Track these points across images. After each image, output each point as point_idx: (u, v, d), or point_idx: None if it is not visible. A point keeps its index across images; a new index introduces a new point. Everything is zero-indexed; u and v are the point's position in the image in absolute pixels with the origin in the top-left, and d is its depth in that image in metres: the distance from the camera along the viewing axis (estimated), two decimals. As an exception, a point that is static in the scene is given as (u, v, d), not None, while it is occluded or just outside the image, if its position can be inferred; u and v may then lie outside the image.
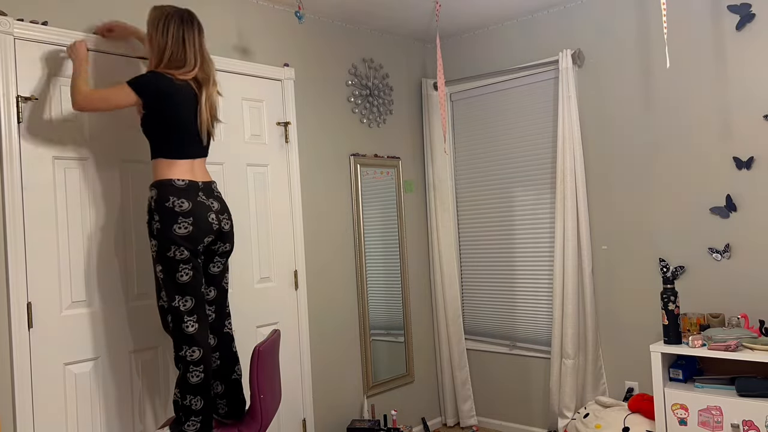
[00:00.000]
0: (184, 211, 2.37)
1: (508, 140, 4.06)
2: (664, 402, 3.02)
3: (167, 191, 2.38)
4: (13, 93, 2.45)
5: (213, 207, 2.49)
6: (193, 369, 2.36)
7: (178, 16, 2.49)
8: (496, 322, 4.18)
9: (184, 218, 2.36)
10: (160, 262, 2.38)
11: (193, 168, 2.48)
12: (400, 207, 4.14)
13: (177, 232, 2.35)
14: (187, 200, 2.39)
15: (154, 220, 2.37)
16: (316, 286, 3.59)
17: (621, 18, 3.55)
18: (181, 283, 2.37)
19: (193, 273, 2.39)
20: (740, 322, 3.04)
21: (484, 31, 4.17)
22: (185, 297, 2.38)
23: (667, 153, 3.40)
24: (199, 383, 2.37)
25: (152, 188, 2.42)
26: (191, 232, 2.37)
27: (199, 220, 2.41)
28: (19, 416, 2.40)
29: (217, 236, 2.50)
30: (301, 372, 3.45)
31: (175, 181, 2.41)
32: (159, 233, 2.36)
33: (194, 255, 2.41)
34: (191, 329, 2.38)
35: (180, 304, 2.37)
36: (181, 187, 2.40)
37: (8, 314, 2.40)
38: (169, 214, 2.36)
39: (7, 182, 2.42)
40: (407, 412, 4.08)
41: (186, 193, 2.40)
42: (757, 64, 3.10)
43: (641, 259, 3.51)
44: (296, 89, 3.53)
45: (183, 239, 2.36)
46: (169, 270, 2.37)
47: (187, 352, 2.37)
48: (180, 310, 2.37)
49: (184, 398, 2.37)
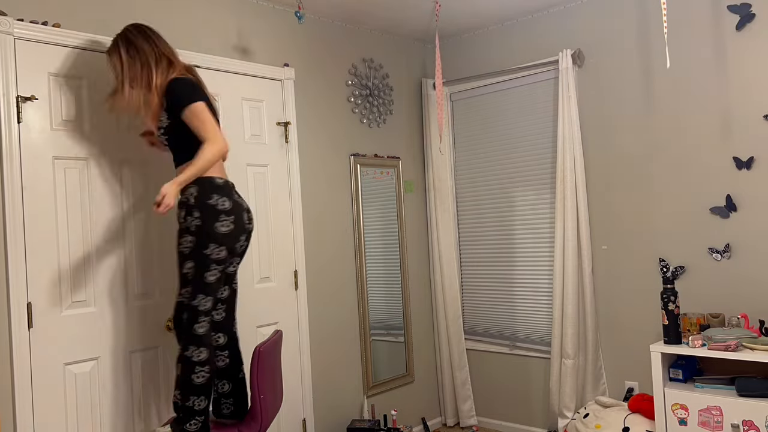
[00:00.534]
0: (226, 210, 2.37)
1: (508, 140, 4.06)
2: (664, 402, 3.02)
3: (210, 189, 2.37)
4: (13, 93, 2.45)
5: (244, 206, 2.50)
6: (198, 369, 2.36)
7: (130, 34, 2.48)
8: (496, 322, 4.18)
9: (226, 217, 2.37)
10: (193, 259, 2.37)
11: (223, 166, 2.50)
12: (400, 207, 4.14)
13: (219, 231, 2.35)
14: (228, 199, 2.40)
15: (193, 217, 2.35)
16: (316, 286, 3.59)
17: (621, 18, 3.55)
18: (207, 283, 2.37)
19: (219, 275, 2.40)
20: (740, 322, 3.04)
21: (484, 31, 4.17)
22: (207, 297, 2.38)
23: (667, 153, 3.40)
24: (203, 384, 2.37)
25: (192, 185, 2.38)
26: (232, 231, 2.38)
27: (239, 219, 2.42)
28: (19, 416, 2.40)
29: (247, 236, 2.52)
30: (301, 372, 3.45)
31: (215, 179, 2.40)
32: (198, 230, 2.34)
33: (231, 254, 2.42)
34: (202, 330, 2.38)
35: (200, 303, 2.37)
36: (220, 185, 2.41)
37: (8, 314, 2.40)
38: (211, 212, 2.35)
39: (7, 182, 2.42)
40: (407, 412, 4.08)
41: (227, 192, 2.41)
42: (757, 64, 3.10)
43: (641, 259, 3.51)
44: (296, 89, 3.53)
45: (224, 237, 2.36)
46: (201, 267, 2.36)
47: (194, 353, 2.37)
48: (198, 310, 2.37)
49: (187, 399, 2.37)
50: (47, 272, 2.53)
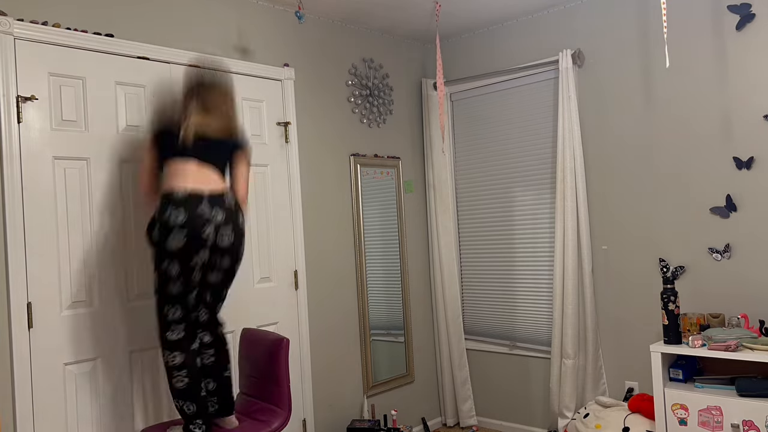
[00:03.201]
0: (178, 225, 2.39)
1: (508, 140, 4.06)
2: (664, 402, 3.02)
3: (166, 203, 2.40)
4: (13, 93, 2.45)
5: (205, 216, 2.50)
6: (176, 374, 2.39)
7: None
8: (496, 322, 4.18)
9: (177, 231, 2.39)
10: (156, 272, 2.41)
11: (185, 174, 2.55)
12: (400, 207, 4.14)
13: (169, 246, 2.39)
14: (183, 212, 2.40)
15: (153, 230, 2.39)
16: (316, 286, 3.58)
17: (621, 18, 3.55)
18: (171, 295, 2.42)
19: (182, 288, 2.46)
20: (740, 322, 3.04)
21: (484, 31, 4.17)
22: (175, 306, 2.43)
23: (667, 153, 3.40)
24: (186, 388, 2.40)
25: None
26: (183, 245, 2.41)
27: (194, 232, 2.44)
28: (19, 416, 2.40)
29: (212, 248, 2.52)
30: (301, 372, 3.44)
31: (174, 193, 2.44)
32: (156, 244, 2.40)
33: (187, 269, 2.45)
34: (174, 336, 2.41)
35: (168, 312, 2.41)
36: (180, 199, 2.43)
37: (8, 314, 2.40)
38: (163, 227, 2.39)
39: (7, 182, 2.42)
40: (407, 412, 4.08)
41: (186, 205, 2.43)
42: (757, 64, 3.10)
43: (641, 259, 3.51)
44: (296, 89, 3.53)
45: (175, 253, 2.40)
46: (162, 280, 2.42)
47: (169, 357, 2.40)
48: (167, 320, 2.42)
49: (179, 404, 2.41)
50: (47, 272, 2.53)
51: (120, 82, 2.78)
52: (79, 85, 2.65)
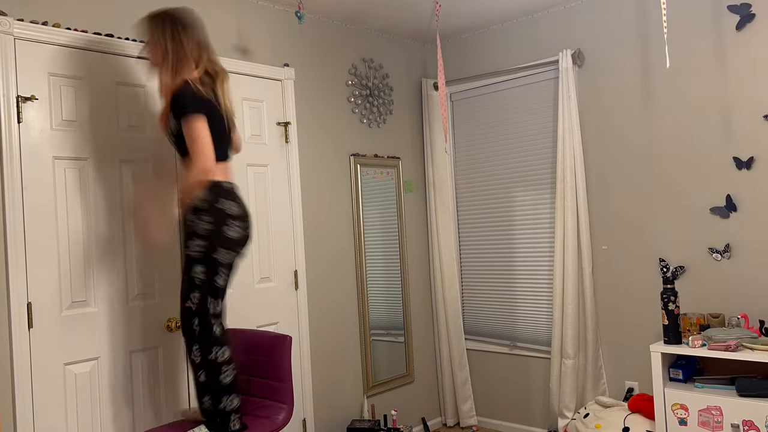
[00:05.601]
0: (234, 215, 2.38)
1: (508, 140, 4.06)
2: (664, 402, 3.02)
3: (219, 193, 2.37)
4: (13, 93, 2.45)
5: (248, 212, 2.50)
6: (225, 369, 2.37)
7: (169, 19, 2.46)
8: (496, 322, 4.18)
9: (234, 221, 2.38)
10: (204, 263, 2.36)
11: (227, 169, 2.50)
12: (400, 207, 4.14)
13: (229, 235, 2.36)
14: (236, 204, 2.41)
15: (202, 221, 2.34)
16: (316, 286, 3.58)
17: (621, 18, 3.55)
18: (217, 287, 2.38)
19: (227, 278, 2.42)
20: (740, 322, 3.04)
21: (484, 31, 4.17)
22: (217, 300, 2.39)
23: (667, 153, 3.40)
24: (231, 381, 2.38)
25: None
26: (241, 236, 2.40)
27: (246, 225, 2.44)
28: (19, 416, 2.40)
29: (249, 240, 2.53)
30: (301, 372, 3.44)
31: (224, 183, 2.41)
32: (209, 234, 2.34)
33: (237, 257, 2.44)
34: (219, 331, 2.39)
35: (211, 307, 2.38)
36: (228, 189, 2.42)
37: (8, 314, 2.40)
38: (221, 217, 2.35)
39: (7, 182, 2.42)
40: (407, 412, 4.08)
41: (234, 196, 2.42)
42: (757, 64, 3.10)
43: (641, 259, 3.51)
44: (296, 89, 3.52)
45: (233, 242, 2.37)
46: (211, 271, 2.36)
47: (218, 353, 2.36)
48: (210, 314, 2.38)
49: (219, 401, 2.36)
50: (47, 272, 2.52)
51: (120, 82, 2.78)
52: (79, 85, 2.65)
